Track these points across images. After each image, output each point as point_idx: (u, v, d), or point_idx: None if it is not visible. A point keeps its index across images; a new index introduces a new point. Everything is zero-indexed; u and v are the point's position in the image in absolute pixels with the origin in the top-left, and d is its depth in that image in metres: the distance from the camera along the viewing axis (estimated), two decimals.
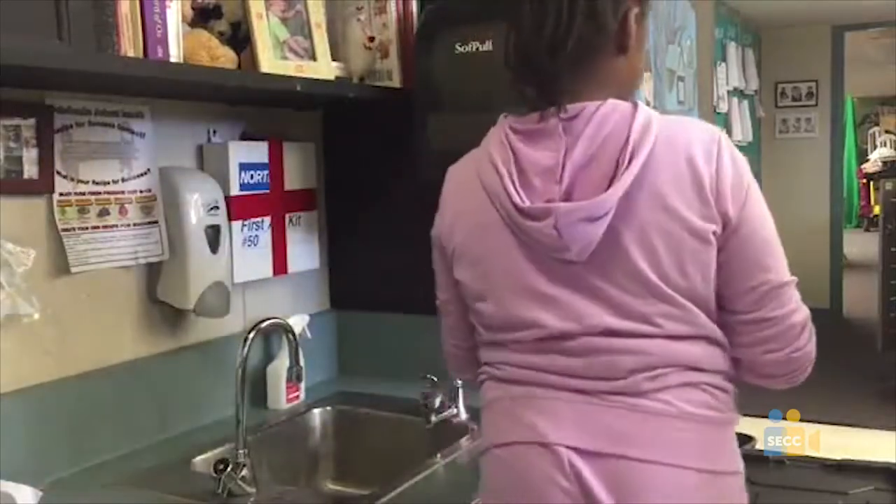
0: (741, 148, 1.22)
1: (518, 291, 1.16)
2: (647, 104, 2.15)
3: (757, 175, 1.33)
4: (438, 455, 1.61)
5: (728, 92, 5.83)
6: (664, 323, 1.12)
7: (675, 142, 1.12)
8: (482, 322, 1.22)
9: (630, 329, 1.11)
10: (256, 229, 1.94)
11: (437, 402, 1.77)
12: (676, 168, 1.11)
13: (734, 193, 1.11)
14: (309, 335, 2.00)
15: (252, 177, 1.91)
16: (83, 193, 1.59)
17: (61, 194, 1.55)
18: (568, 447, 1.11)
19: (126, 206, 1.66)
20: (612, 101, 1.13)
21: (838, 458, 1.88)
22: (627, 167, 1.09)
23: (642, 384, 1.11)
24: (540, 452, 1.13)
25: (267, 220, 1.96)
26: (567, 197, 1.12)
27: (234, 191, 1.86)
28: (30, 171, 1.50)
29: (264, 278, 1.98)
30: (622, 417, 1.11)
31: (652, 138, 1.10)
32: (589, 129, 1.12)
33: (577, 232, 1.10)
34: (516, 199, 1.13)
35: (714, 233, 1.11)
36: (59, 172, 1.54)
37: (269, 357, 1.98)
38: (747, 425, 1.46)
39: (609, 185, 1.10)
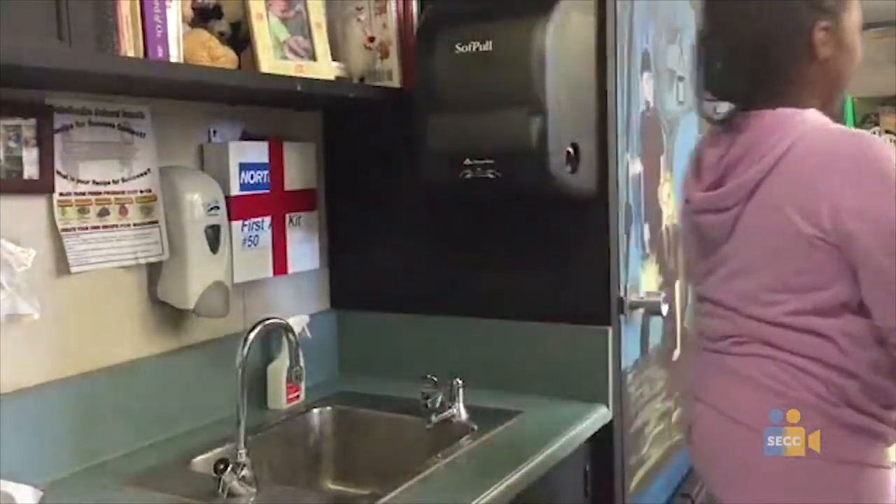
0: None
1: (690, 264, 1.53)
2: (647, 104, 2.15)
3: None
4: (438, 455, 1.61)
5: None
6: (756, 305, 1.29)
7: (811, 151, 1.23)
8: None
9: (733, 305, 1.34)
10: (256, 229, 1.94)
11: (437, 402, 1.77)
12: (800, 175, 1.23)
13: (856, 205, 1.18)
14: (309, 335, 2.00)
15: (252, 177, 1.91)
16: (83, 193, 1.59)
17: (61, 194, 1.55)
18: (687, 389, 1.48)
19: (126, 206, 1.66)
20: (777, 110, 1.28)
21: None
22: (751, 170, 1.25)
23: (731, 347, 1.35)
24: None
25: (267, 220, 1.96)
26: (713, 189, 1.33)
27: (235, 191, 1.86)
28: (30, 171, 1.50)
29: (264, 278, 1.98)
30: (712, 371, 1.39)
31: (784, 146, 1.24)
32: (746, 133, 1.30)
33: (707, 219, 1.36)
34: (685, 188, 1.44)
35: (822, 239, 1.20)
36: (59, 172, 1.54)
37: (269, 357, 1.98)
38: None
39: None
